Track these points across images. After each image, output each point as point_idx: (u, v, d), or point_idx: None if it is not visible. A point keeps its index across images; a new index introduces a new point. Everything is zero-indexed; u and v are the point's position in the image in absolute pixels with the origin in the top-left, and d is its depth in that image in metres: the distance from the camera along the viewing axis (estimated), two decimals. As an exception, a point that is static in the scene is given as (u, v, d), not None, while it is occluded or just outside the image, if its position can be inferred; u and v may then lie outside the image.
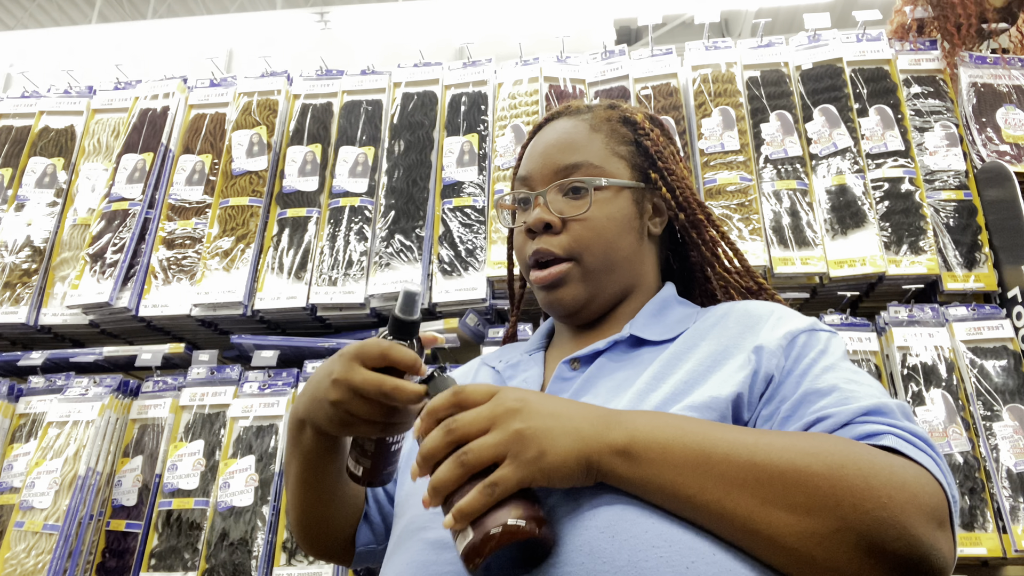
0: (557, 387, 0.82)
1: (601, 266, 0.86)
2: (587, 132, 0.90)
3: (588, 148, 0.88)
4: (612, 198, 0.87)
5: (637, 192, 0.89)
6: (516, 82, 1.95)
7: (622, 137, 0.91)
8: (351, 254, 1.77)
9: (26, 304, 1.83)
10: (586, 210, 0.85)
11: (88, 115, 2.08)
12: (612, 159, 0.89)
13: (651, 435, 0.63)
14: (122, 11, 7.57)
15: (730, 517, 0.60)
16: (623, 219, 0.87)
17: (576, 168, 0.87)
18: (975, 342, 1.58)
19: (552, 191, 0.87)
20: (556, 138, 0.91)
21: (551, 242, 0.86)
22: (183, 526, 1.58)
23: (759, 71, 1.90)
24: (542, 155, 0.90)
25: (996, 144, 1.78)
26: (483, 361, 0.99)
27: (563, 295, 0.86)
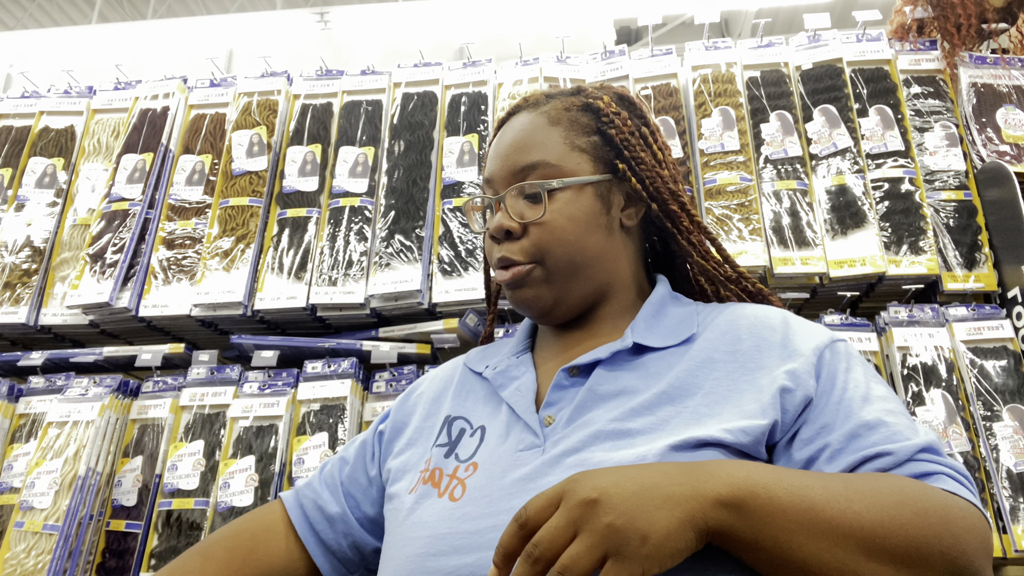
0: (557, 396, 0.79)
1: (565, 268, 0.83)
2: (545, 127, 0.86)
3: (544, 145, 0.85)
4: (573, 197, 0.83)
5: (602, 186, 0.85)
6: (516, 82, 1.95)
7: (583, 128, 0.87)
8: (351, 254, 1.77)
9: (26, 304, 1.83)
10: (543, 214, 0.82)
11: (88, 115, 2.08)
12: (571, 154, 0.85)
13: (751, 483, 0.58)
14: (122, 11, 7.57)
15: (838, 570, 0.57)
16: (586, 217, 0.83)
17: (532, 169, 0.84)
18: (975, 342, 1.58)
19: (511, 194, 0.84)
20: (513, 137, 0.87)
21: (512, 248, 0.84)
22: (183, 526, 1.58)
23: (759, 71, 1.90)
24: (501, 156, 0.87)
25: (996, 144, 1.78)
26: (465, 364, 0.95)
27: (525, 295, 0.84)
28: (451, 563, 0.68)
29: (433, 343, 1.72)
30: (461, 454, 0.79)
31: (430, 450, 0.84)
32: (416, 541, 0.73)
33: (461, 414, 0.86)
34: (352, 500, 0.92)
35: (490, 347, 0.97)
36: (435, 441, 0.85)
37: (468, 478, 0.75)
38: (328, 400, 1.66)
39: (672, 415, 0.72)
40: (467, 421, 0.84)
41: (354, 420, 1.64)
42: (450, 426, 0.85)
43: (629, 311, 0.87)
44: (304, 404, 1.67)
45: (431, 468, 0.80)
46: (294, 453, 1.59)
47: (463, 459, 0.78)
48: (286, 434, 1.63)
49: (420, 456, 0.85)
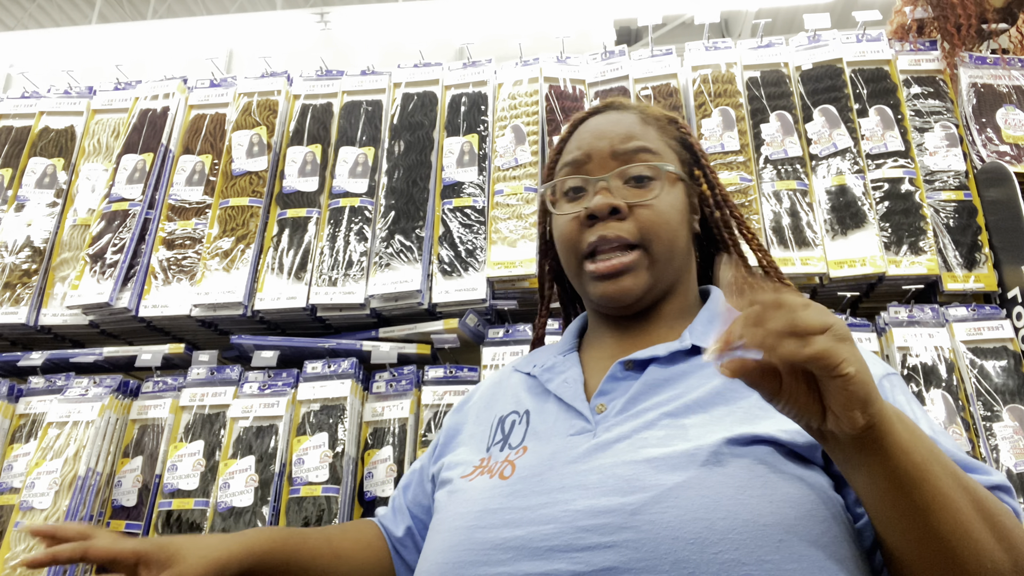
0: (611, 386, 0.80)
1: (665, 255, 0.85)
2: (641, 123, 0.90)
3: (646, 137, 0.88)
4: (671, 188, 0.86)
5: (688, 186, 0.90)
6: (516, 82, 1.95)
7: (670, 133, 0.93)
8: (351, 254, 1.77)
9: (26, 304, 1.83)
10: (655, 196, 0.83)
11: (88, 115, 2.08)
12: (667, 150, 0.90)
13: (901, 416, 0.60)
14: (122, 11, 7.57)
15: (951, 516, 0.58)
16: (682, 209, 0.87)
17: (639, 152, 0.86)
18: (975, 342, 1.58)
19: (615, 177, 0.85)
20: (613, 126, 0.89)
21: (620, 227, 0.83)
22: (183, 526, 1.57)
23: (759, 71, 1.90)
24: (599, 140, 0.88)
25: (996, 144, 1.78)
26: (514, 368, 0.97)
27: (624, 284, 0.84)
28: (501, 535, 0.69)
29: (433, 343, 1.72)
30: (512, 442, 0.82)
31: (486, 451, 0.86)
32: (465, 515, 0.74)
33: (512, 410, 0.88)
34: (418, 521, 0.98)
35: (538, 351, 1.00)
36: (491, 441, 0.86)
37: (518, 459, 0.78)
38: (328, 400, 1.66)
39: (726, 414, 0.73)
40: (516, 412, 0.86)
41: (354, 420, 1.64)
42: (502, 424, 0.87)
43: (686, 313, 0.89)
44: (304, 404, 1.67)
45: (489, 463, 0.82)
46: (294, 453, 1.59)
47: (514, 445, 0.81)
48: (286, 434, 1.63)
49: (476, 455, 0.86)
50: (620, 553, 0.62)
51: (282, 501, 1.56)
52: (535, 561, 0.65)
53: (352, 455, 1.61)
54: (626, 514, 0.64)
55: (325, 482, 1.55)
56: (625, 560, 0.62)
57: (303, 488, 1.55)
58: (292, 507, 1.55)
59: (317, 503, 1.53)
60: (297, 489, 1.56)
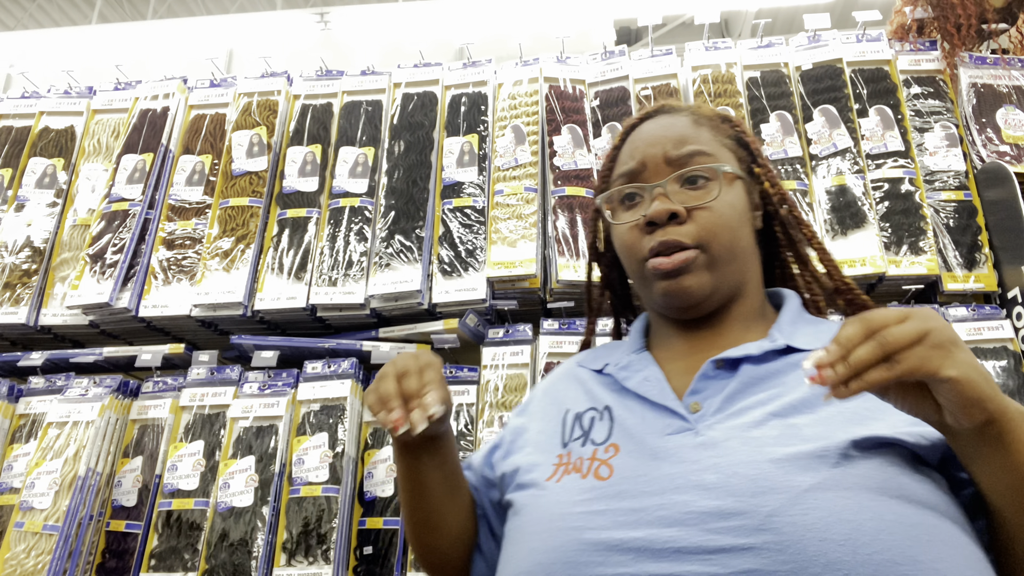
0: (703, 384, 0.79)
1: (726, 255, 0.83)
2: (693, 125, 0.89)
3: (699, 138, 0.88)
4: (730, 187, 0.86)
5: (747, 184, 0.89)
6: (516, 83, 1.95)
7: (725, 132, 0.92)
8: (351, 254, 1.77)
9: (26, 304, 1.83)
10: (713, 197, 0.83)
11: (88, 115, 2.08)
12: (722, 150, 0.89)
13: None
14: (122, 11, 7.57)
15: None
16: (742, 208, 0.87)
17: (694, 156, 0.85)
18: (975, 343, 1.58)
19: (671, 182, 0.85)
20: (665, 131, 0.89)
21: (678, 232, 0.82)
22: (183, 526, 1.58)
23: (759, 71, 1.90)
24: (652, 147, 0.88)
25: (996, 144, 1.78)
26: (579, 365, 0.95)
27: (689, 283, 0.82)
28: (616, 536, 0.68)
29: (433, 343, 1.72)
30: (596, 438, 0.80)
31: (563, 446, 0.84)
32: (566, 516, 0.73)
33: (590, 406, 0.86)
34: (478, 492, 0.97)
35: (602, 349, 0.97)
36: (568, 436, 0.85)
37: (611, 459, 0.76)
38: (328, 400, 1.66)
39: (834, 414, 0.71)
40: (595, 409, 0.85)
41: (354, 420, 1.64)
42: (580, 419, 0.85)
43: (757, 315, 0.88)
44: (304, 404, 1.67)
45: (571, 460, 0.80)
46: (294, 453, 1.59)
47: (599, 442, 0.79)
48: (286, 434, 1.63)
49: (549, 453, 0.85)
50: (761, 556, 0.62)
51: (282, 501, 1.56)
52: (661, 563, 0.64)
53: (352, 455, 1.61)
54: (761, 516, 0.63)
55: (325, 482, 1.55)
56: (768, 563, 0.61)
57: (303, 488, 1.55)
58: (292, 507, 1.55)
59: (317, 503, 1.53)
60: (297, 489, 1.56)
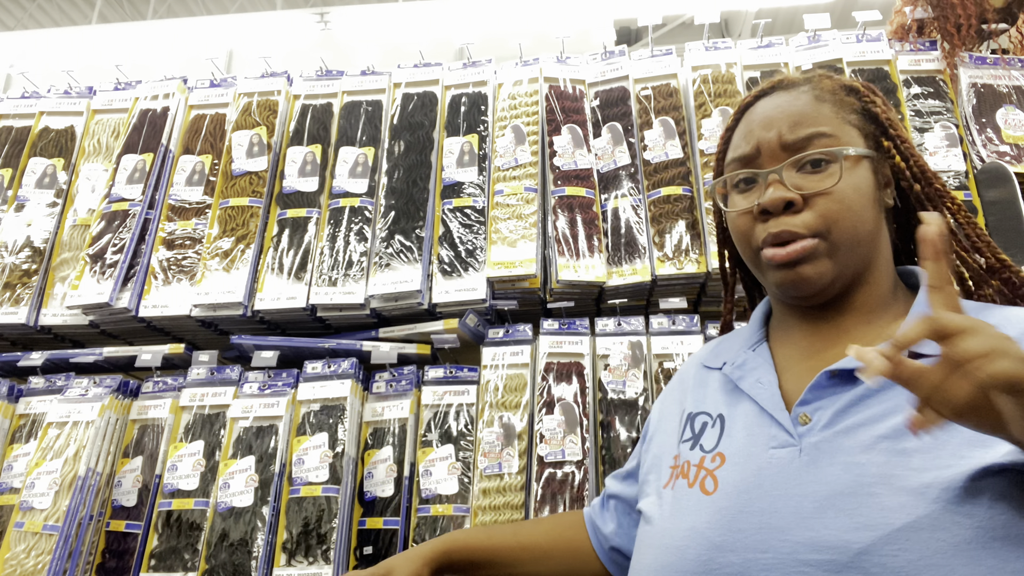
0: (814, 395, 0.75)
1: (849, 241, 0.78)
2: (813, 102, 0.84)
3: (819, 118, 0.82)
4: (853, 168, 0.80)
5: (875, 161, 0.83)
6: (516, 82, 1.95)
7: (850, 106, 0.85)
8: (351, 254, 1.77)
9: (26, 304, 1.83)
10: (835, 182, 0.78)
11: (88, 115, 2.08)
12: (845, 128, 0.82)
13: None
14: (122, 11, 7.57)
15: None
16: (867, 190, 0.80)
17: (812, 139, 0.80)
18: (975, 343, 1.58)
19: (787, 167, 0.80)
20: (781, 111, 0.83)
21: (792, 222, 0.79)
22: (183, 527, 1.58)
23: (759, 72, 1.90)
24: (768, 128, 0.83)
25: (996, 145, 1.78)
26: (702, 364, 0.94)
27: (808, 272, 0.79)
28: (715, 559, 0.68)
29: (433, 343, 1.72)
30: (705, 445, 0.80)
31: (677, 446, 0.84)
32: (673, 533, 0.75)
33: (701, 409, 0.85)
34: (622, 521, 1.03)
35: (723, 340, 0.96)
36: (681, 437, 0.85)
37: (716, 469, 0.76)
38: (328, 400, 1.66)
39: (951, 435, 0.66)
40: (707, 414, 0.84)
41: (354, 420, 1.64)
42: (692, 421, 0.85)
43: (886, 301, 0.83)
44: (304, 404, 1.67)
45: (680, 463, 0.81)
46: (294, 453, 1.59)
47: (707, 449, 0.79)
48: (286, 434, 1.63)
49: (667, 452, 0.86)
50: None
51: (282, 501, 1.56)
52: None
53: (352, 455, 1.61)
54: (852, 553, 0.61)
55: (325, 482, 1.55)
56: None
57: (303, 488, 1.55)
58: (292, 507, 1.55)
59: (317, 503, 1.53)
60: (297, 489, 1.56)
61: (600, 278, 1.68)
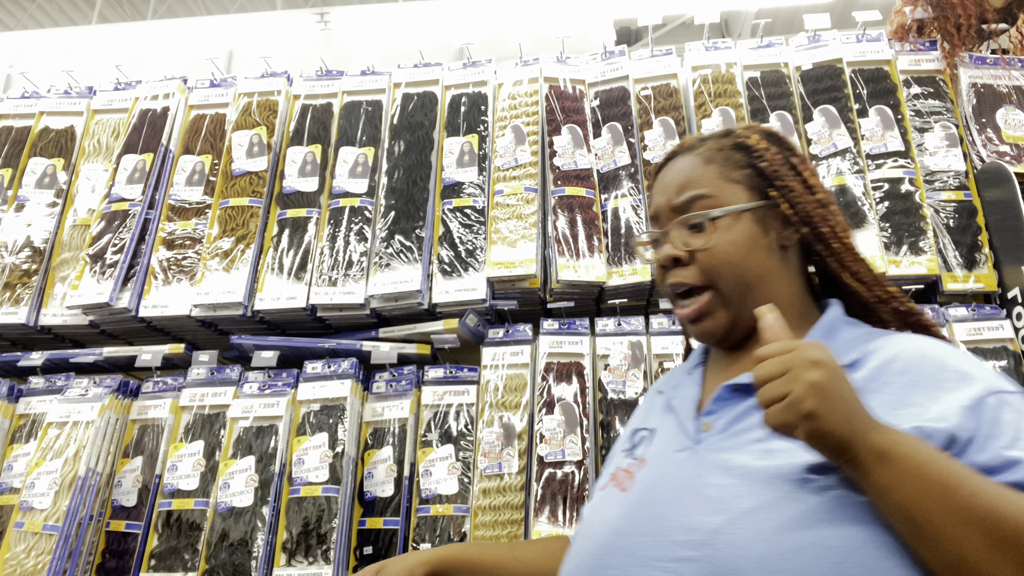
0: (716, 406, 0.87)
1: (736, 289, 0.90)
2: (701, 165, 0.95)
3: (702, 180, 0.94)
4: (732, 223, 0.91)
5: (759, 212, 0.93)
6: (516, 83, 1.95)
7: (736, 163, 0.95)
8: (351, 254, 1.77)
9: (26, 304, 1.83)
10: (707, 242, 0.90)
11: (88, 115, 2.08)
12: (727, 186, 0.93)
13: (910, 450, 0.67)
14: (122, 11, 7.57)
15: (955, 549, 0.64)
16: (746, 240, 0.91)
17: (691, 203, 0.93)
18: (975, 343, 1.58)
19: (675, 227, 0.94)
20: (672, 177, 0.97)
21: (682, 274, 0.93)
22: (183, 527, 1.58)
23: (759, 72, 1.90)
24: (662, 194, 0.97)
25: (996, 145, 1.78)
26: (656, 389, 1.07)
27: (707, 326, 0.92)
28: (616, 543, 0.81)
29: (433, 343, 1.72)
30: (636, 453, 0.93)
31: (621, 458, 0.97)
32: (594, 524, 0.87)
33: (643, 425, 1.00)
34: None
35: (677, 368, 1.11)
36: (623, 448, 0.99)
37: (638, 472, 0.88)
38: (328, 400, 1.66)
39: None
40: (646, 429, 0.97)
41: (354, 420, 1.64)
42: (634, 435, 0.99)
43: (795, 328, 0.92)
44: (304, 404, 1.67)
45: (617, 470, 0.94)
46: (294, 453, 1.59)
47: (636, 456, 0.92)
48: (286, 434, 1.63)
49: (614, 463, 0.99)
50: (701, 566, 0.72)
51: (282, 501, 1.56)
52: (639, 568, 0.76)
53: (352, 455, 1.61)
54: (708, 532, 0.73)
55: (325, 482, 1.55)
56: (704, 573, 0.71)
57: (303, 488, 1.55)
58: (292, 507, 1.55)
59: (317, 503, 1.53)
60: (297, 489, 1.56)
61: (600, 278, 1.68)
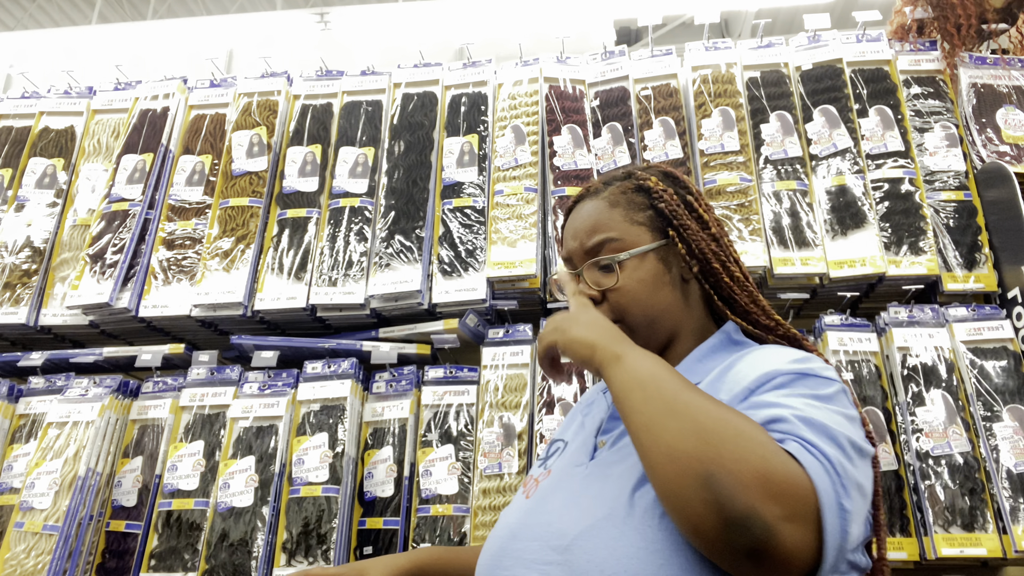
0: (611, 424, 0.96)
1: (644, 322, 0.98)
2: (607, 209, 1.02)
3: (608, 225, 1.01)
4: (639, 264, 0.98)
5: (661, 250, 1.00)
6: (516, 83, 1.95)
7: (638, 205, 1.02)
8: (351, 255, 1.77)
9: (26, 305, 1.83)
10: (616, 282, 0.97)
11: (88, 116, 2.08)
12: (632, 228, 1.00)
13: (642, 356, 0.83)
14: (122, 11, 7.58)
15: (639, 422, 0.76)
16: (652, 279, 0.98)
17: (601, 247, 0.99)
18: (975, 343, 1.58)
19: (588, 268, 1.01)
20: (581, 222, 1.04)
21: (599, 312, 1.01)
22: (183, 527, 1.58)
23: (759, 72, 1.90)
24: (573, 239, 1.04)
25: (996, 145, 1.78)
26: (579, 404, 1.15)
27: None
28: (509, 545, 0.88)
29: (433, 343, 1.72)
30: (548, 463, 1.00)
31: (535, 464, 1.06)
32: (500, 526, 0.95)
33: (560, 437, 1.07)
34: None
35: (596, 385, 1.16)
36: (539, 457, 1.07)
37: (543, 480, 0.96)
38: (328, 400, 1.66)
39: None
40: (562, 440, 1.05)
41: (354, 420, 1.64)
42: (551, 446, 1.07)
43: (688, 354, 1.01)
44: (304, 404, 1.67)
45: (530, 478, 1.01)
46: (294, 453, 1.59)
47: (547, 467, 0.99)
48: (286, 434, 1.63)
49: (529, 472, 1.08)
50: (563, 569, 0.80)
51: (282, 501, 1.56)
52: (523, 569, 0.84)
53: (352, 455, 1.61)
54: (570, 537, 0.81)
55: (325, 482, 1.55)
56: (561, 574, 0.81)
57: (303, 488, 1.55)
58: (292, 507, 1.55)
59: (317, 503, 1.53)
60: (297, 489, 1.56)
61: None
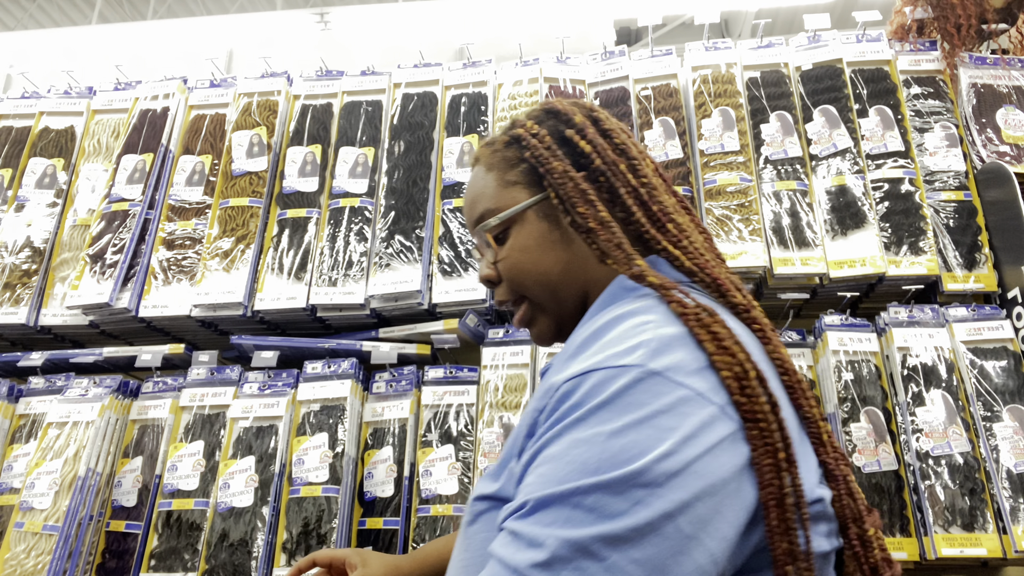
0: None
1: (543, 292, 0.87)
2: (483, 175, 0.92)
3: (484, 193, 0.91)
4: (519, 229, 0.87)
5: (544, 205, 0.86)
6: (516, 83, 1.95)
7: (511, 162, 0.89)
8: (351, 255, 1.77)
9: (26, 305, 1.83)
10: (500, 254, 0.89)
11: (88, 116, 2.08)
12: (506, 192, 0.88)
13: None
14: (122, 11, 7.58)
15: None
16: (536, 242, 0.86)
17: (482, 218, 0.90)
18: (975, 343, 1.58)
19: (481, 247, 0.94)
20: (467, 196, 0.95)
21: (499, 292, 0.93)
22: (183, 527, 1.58)
23: (759, 72, 1.90)
24: (466, 214, 0.96)
25: (996, 145, 1.78)
26: None
27: (535, 334, 0.92)
28: None
29: (433, 343, 1.72)
30: None
31: None
32: None
33: None
34: None
35: None
36: None
37: None
38: (328, 400, 1.66)
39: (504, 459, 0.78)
40: None
41: (354, 421, 1.64)
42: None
43: None
44: (304, 404, 1.67)
45: None
46: (294, 454, 1.59)
47: None
48: (286, 435, 1.63)
49: None
50: None
51: (282, 501, 1.56)
52: None
53: (352, 455, 1.61)
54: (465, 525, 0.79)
55: (325, 482, 1.55)
56: None
57: (303, 488, 1.55)
58: (292, 507, 1.55)
59: (317, 503, 1.53)
60: (297, 489, 1.56)
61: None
